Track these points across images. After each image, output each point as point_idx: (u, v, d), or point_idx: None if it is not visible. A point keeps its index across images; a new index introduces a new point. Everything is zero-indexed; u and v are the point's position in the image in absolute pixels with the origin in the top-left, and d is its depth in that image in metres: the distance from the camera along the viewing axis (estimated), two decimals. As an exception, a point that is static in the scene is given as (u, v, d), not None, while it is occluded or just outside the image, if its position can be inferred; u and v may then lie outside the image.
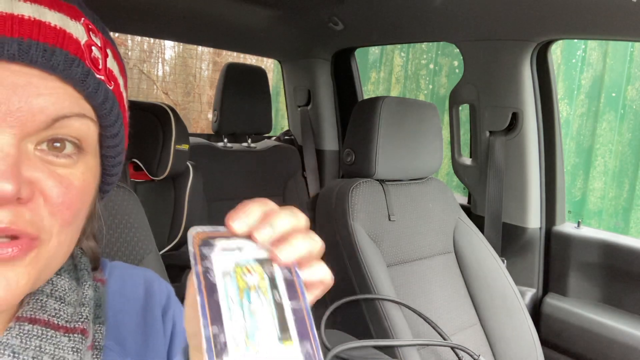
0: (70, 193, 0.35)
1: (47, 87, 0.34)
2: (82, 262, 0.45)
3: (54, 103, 0.34)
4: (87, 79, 0.35)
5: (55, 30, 0.34)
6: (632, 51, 2.46)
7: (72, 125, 0.35)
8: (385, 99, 1.30)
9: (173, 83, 6.06)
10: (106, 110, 0.38)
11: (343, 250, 1.22)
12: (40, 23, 0.33)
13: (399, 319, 1.13)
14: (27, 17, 0.33)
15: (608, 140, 2.56)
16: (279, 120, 4.11)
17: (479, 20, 1.39)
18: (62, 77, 0.34)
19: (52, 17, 0.34)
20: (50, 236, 0.35)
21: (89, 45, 0.36)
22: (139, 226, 0.78)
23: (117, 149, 0.42)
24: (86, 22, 0.37)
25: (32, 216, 0.33)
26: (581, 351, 1.43)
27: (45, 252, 0.35)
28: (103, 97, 0.37)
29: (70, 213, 0.36)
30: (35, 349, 0.36)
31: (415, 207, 1.37)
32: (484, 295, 1.37)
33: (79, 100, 0.36)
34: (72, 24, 0.35)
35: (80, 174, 0.36)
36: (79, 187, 0.36)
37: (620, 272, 1.43)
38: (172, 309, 0.53)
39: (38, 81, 0.33)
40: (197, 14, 1.71)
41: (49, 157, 0.35)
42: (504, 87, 1.52)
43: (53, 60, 0.33)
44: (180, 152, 1.57)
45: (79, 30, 0.36)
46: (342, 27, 1.70)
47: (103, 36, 0.40)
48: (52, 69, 0.33)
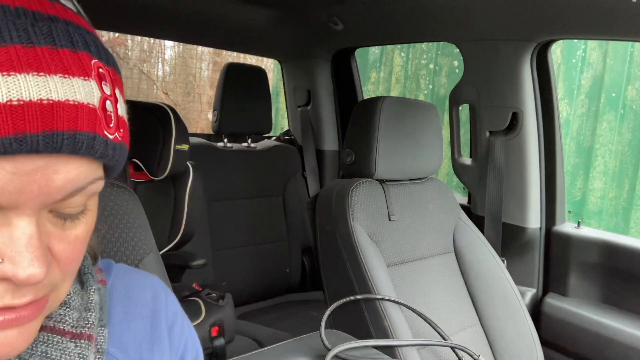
0: (77, 247, 0.35)
1: (68, 166, 0.32)
2: (86, 266, 0.45)
3: (72, 180, 0.32)
4: (107, 150, 0.33)
5: (75, 109, 0.30)
6: (632, 51, 2.46)
7: (86, 191, 0.34)
8: (385, 99, 1.30)
9: (173, 83, 6.06)
10: (116, 160, 0.36)
11: (343, 250, 1.22)
12: (60, 105, 0.30)
13: (399, 319, 1.13)
14: (46, 100, 0.29)
15: (608, 140, 2.56)
16: (279, 120, 4.11)
17: (479, 20, 1.39)
18: (84, 155, 0.32)
19: (67, 91, 0.30)
20: (63, 283, 0.35)
21: (103, 102, 0.33)
22: (139, 226, 0.78)
23: (114, 174, 0.41)
24: (97, 65, 0.33)
25: (49, 281, 0.33)
26: (581, 351, 1.43)
27: (59, 294, 0.36)
28: (116, 154, 0.35)
29: (78, 261, 0.36)
30: (41, 355, 0.36)
31: (415, 207, 1.37)
32: (484, 295, 1.37)
33: (94, 166, 0.34)
34: (86, 87, 0.32)
35: (84, 225, 0.36)
36: (84, 237, 0.36)
37: (620, 272, 1.43)
38: (181, 325, 0.52)
39: (60, 164, 0.31)
40: (197, 14, 1.71)
41: (59, 221, 0.34)
42: (503, 87, 1.52)
43: (76, 145, 0.31)
44: (180, 152, 1.57)
45: (92, 90, 0.32)
46: (342, 27, 1.70)
47: (107, 66, 0.35)
48: (75, 152, 0.31)
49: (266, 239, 2.10)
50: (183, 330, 0.52)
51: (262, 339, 1.69)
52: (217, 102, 1.99)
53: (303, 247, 2.20)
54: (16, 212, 0.30)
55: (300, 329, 1.83)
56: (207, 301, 1.47)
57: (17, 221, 0.30)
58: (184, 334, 0.52)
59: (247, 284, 2.03)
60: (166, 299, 0.52)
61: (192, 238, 1.72)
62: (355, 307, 1.17)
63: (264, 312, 1.98)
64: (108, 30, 2.05)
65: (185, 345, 0.51)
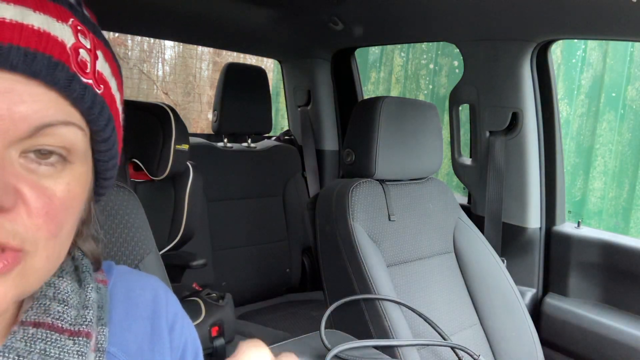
0: (54, 204, 0.34)
1: (31, 93, 0.32)
2: (84, 265, 0.45)
3: (37, 111, 0.32)
4: (72, 84, 0.34)
5: (38, 33, 0.32)
6: (632, 51, 2.46)
7: (57, 133, 0.34)
8: (385, 99, 1.30)
9: (173, 83, 6.06)
10: (94, 115, 0.37)
11: (343, 250, 1.22)
12: (22, 26, 0.32)
13: (399, 319, 1.13)
14: (9, 20, 0.31)
15: (608, 140, 2.56)
16: (279, 120, 4.11)
17: (479, 20, 1.39)
18: (45, 82, 0.33)
19: (35, 19, 0.32)
20: (35, 248, 0.34)
21: (76, 48, 0.35)
22: (139, 226, 0.78)
23: (109, 153, 0.41)
24: (75, 23, 0.35)
25: (13, 226, 0.32)
26: (581, 351, 1.43)
27: (33, 264, 0.34)
28: (90, 101, 0.36)
29: (54, 225, 0.34)
30: (40, 353, 0.36)
31: (415, 207, 1.37)
32: (484, 295, 1.37)
33: (65, 107, 0.34)
34: (58, 26, 0.34)
35: (65, 185, 0.35)
36: (63, 198, 0.35)
37: (620, 272, 1.43)
38: (181, 326, 0.52)
39: (21, 87, 0.32)
40: (197, 14, 1.71)
41: (32, 165, 0.34)
42: (504, 87, 1.52)
43: (35, 65, 0.32)
44: (180, 152, 1.57)
45: (65, 32, 0.34)
46: (342, 27, 1.70)
47: (95, 37, 0.38)
48: (34, 75, 0.32)
49: (266, 239, 2.10)
50: (183, 330, 0.52)
51: (262, 339, 1.68)
52: (217, 102, 1.99)
53: (303, 247, 2.20)
54: None
55: (300, 329, 1.83)
56: (207, 301, 1.47)
57: None
58: (184, 334, 0.52)
59: (247, 284, 2.03)
60: (166, 299, 0.52)
61: (192, 238, 1.72)
62: (355, 307, 1.17)
63: (264, 312, 1.98)
64: (108, 30, 2.05)
65: (185, 345, 0.51)
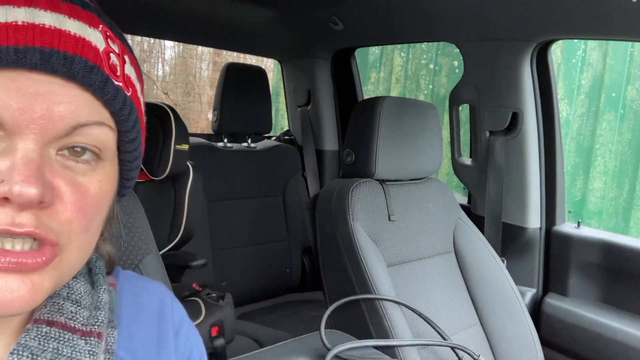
0: (87, 200, 0.36)
1: (68, 95, 0.34)
2: (97, 266, 0.46)
3: (74, 111, 0.35)
4: (106, 86, 0.36)
5: (75, 39, 0.35)
6: (632, 51, 2.46)
7: (91, 133, 0.36)
8: (385, 99, 1.30)
9: (173, 83, 6.06)
10: (124, 116, 0.39)
11: (343, 250, 1.22)
12: (61, 32, 0.34)
13: (399, 319, 1.13)
14: (48, 26, 0.34)
15: (608, 140, 2.56)
16: (279, 120, 4.11)
17: (479, 20, 1.39)
18: (81, 84, 0.35)
19: (71, 26, 0.35)
20: (69, 242, 0.36)
21: (107, 52, 0.37)
22: (139, 226, 0.78)
23: (134, 153, 0.43)
24: (104, 29, 0.38)
25: (50, 222, 0.34)
26: (581, 351, 1.43)
27: (67, 257, 0.36)
28: (121, 103, 0.38)
29: (86, 219, 0.37)
30: (53, 351, 0.37)
31: (415, 207, 1.37)
32: (484, 295, 1.37)
33: (98, 108, 0.37)
34: (90, 32, 0.36)
35: (97, 182, 0.37)
36: (95, 194, 0.37)
37: (620, 272, 1.43)
38: (187, 331, 0.53)
39: (59, 89, 0.34)
40: (197, 14, 1.71)
41: (68, 163, 0.36)
42: (504, 87, 1.52)
43: (73, 68, 0.34)
44: (180, 152, 1.57)
45: (97, 38, 0.37)
46: (342, 27, 1.70)
47: (121, 42, 0.40)
48: (72, 77, 0.34)
49: (266, 239, 2.10)
50: (189, 336, 0.53)
51: (262, 339, 1.69)
52: (217, 102, 1.99)
53: (303, 247, 2.20)
54: (21, 137, 0.33)
55: (300, 329, 1.83)
56: (207, 301, 1.47)
57: (22, 146, 0.33)
58: (189, 340, 0.52)
59: (247, 284, 2.03)
60: (172, 305, 0.53)
61: (192, 238, 1.72)
62: (355, 307, 1.17)
63: (264, 312, 1.98)
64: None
65: (191, 350, 0.52)
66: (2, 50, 0.32)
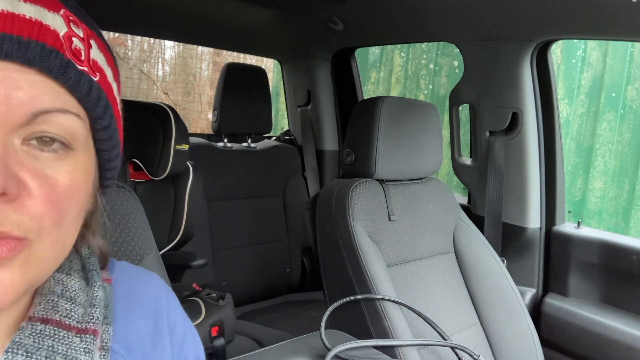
0: (56, 192, 0.35)
1: (27, 80, 0.33)
2: (91, 263, 0.45)
3: (33, 97, 0.33)
4: (67, 71, 0.34)
5: (30, 22, 0.33)
6: (632, 51, 2.46)
7: (56, 121, 0.34)
8: (385, 99, 1.30)
9: (173, 83, 6.06)
10: (92, 102, 0.37)
11: (343, 250, 1.22)
12: (14, 16, 0.32)
13: (399, 319, 1.13)
14: (1, 10, 0.32)
15: (608, 140, 2.56)
16: (279, 120, 4.11)
17: (479, 20, 1.39)
18: (40, 69, 0.33)
19: (27, 10, 0.33)
20: (40, 237, 0.34)
21: (69, 37, 0.35)
22: (139, 226, 0.78)
23: (110, 142, 0.41)
24: (66, 14, 0.36)
25: (17, 216, 0.32)
26: (581, 351, 1.43)
27: (38, 252, 0.34)
28: (87, 88, 0.36)
29: (58, 212, 0.35)
30: (48, 349, 0.37)
31: (415, 207, 1.37)
32: (484, 295, 1.37)
33: (62, 95, 0.35)
34: (49, 16, 0.35)
35: (67, 173, 0.36)
36: (65, 185, 0.35)
37: (620, 272, 1.43)
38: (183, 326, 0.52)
39: (17, 75, 0.32)
40: (197, 14, 1.71)
41: (35, 152, 0.34)
42: (504, 87, 1.52)
43: (29, 52, 0.32)
44: (180, 152, 1.57)
45: (57, 22, 0.35)
46: (342, 27, 1.70)
47: (87, 27, 0.39)
48: (28, 62, 0.33)
49: (266, 239, 2.10)
50: (185, 331, 0.52)
51: (262, 339, 1.69)
52: (217, 102, 1.99)
53: (303, 247, 2.20)
54: None
55: (300, 329, 1.83)
56: (207, 301, 1.47)
57: None
58: (186, 335, 0.52)
59: (247, 284, 2.03)
60: (167, 299, 0.52)
61: (192, 238, 1.72)
62: (355, 307, 1.17)
63: (264, 312, 1.98)
64: (108, 30, 2.05)
65: (187, 345, 0.52)
66: None
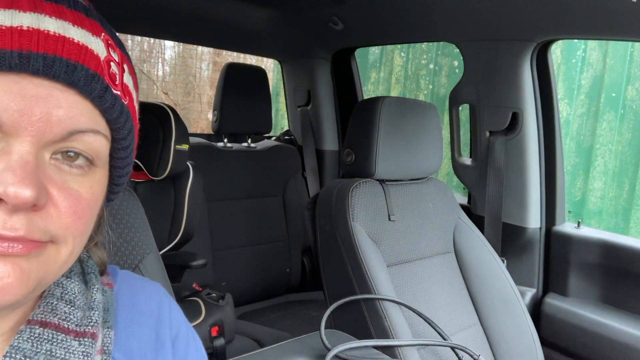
0: (80, 205, 0.37)
1: (68, 100, 0.35)
2: (90, 266, 0.45)
3: (72, 117, 0.35)
4: (105, 95, 0.37)
5: (78, 47, 0.35)
6: (632, 51, 2.46)
7: (86, 140, 0.37)
8: (385, 99, 1.30)
9: (173, 83, 6.06)
10: (120, 124, 0.40)
11: (343, 250, 1.22)
12: (65, 39, 0.34)
13: (399, 319, 1.13)
14: (52, 32, 0.34)
15: (608, 140, 2.56)
16: (279, 120, 4.11)
17: (479, 20, 1.39)
18: (82, 92, 0.35)
19: (75, 33, 0.35)
20: (65, 243, 0.36)
21: (108, 61, 0.38)
22: (139, 226, 0.78)
23: (126, 160, 0.43)
24: (106, 38, 0.39)
25: (46, 224, 0.34)
26: (581, 351, 1.43)
27: (57, 257, 0.36)
28: (119, 112, 0.39)
29: (83, 223, 0.37)
30: (46, 354, 0.37)
31: (415, 207, 1.37)
32: (484, 295, 1.37)
33: (95, 116, 0.37)
34: (93, 40, 0.37)
35: (89, 187, 0.38)
36: (88, 199, 0.37)
37: (620, 272, 1.43)
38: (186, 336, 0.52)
39: (59, 94, 0.34)
40: (197, 14, 1.71)
41: (62, 166, 0.36)
42: (504, 87, 1.52)
43: (75, 75, 0.34)
44: (180, 152, 1.57)
45: (99, 46, 0.37)
46: (342, 27, 1.70)
47: (121, 51, 0.41)
48: (73, 84, 0.35)
49: (266, 239, 2.10)
50: (188, 341, 0.52)
51: (262, 339, 1.69)
52: (217, 102, 1.99)
53: (303, 247, 2.20)
54: (17, 139, 0.33)
55: (300, 329, 1.83)
56: (207, 301, 1.47)
57: (17, 148, 0.33)
58: (189, 345, 0.52)
59: (247, 284, 2.03)
60: (170, 309, 0.52)
61: (192, 238, 1.72)
62: (355, 307, 1.17)
63: (264, 312, 1.98)
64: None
65: (191, 356, 0.52)
66: (6, 54, 0.32)
